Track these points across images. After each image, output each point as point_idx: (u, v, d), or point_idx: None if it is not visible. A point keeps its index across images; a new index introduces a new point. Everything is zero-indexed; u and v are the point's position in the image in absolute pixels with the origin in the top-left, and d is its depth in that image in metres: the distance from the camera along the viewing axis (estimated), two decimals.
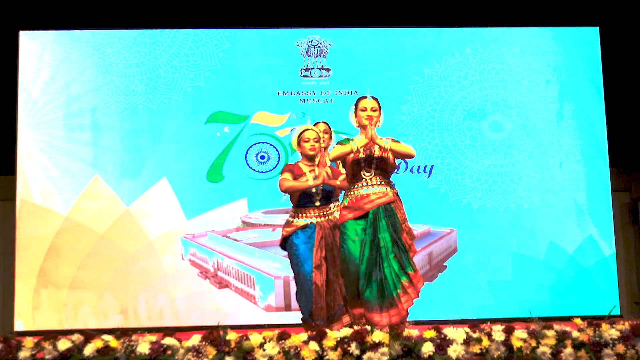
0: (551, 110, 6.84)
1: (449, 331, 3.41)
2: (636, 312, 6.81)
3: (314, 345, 3.34)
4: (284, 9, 6.81)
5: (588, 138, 6.82)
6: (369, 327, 3.42)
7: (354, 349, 3.31)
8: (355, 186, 4.14)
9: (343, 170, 4.42)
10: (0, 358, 3.36)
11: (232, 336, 3.37)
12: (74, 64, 6.61)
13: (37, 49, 6.59)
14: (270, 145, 6.63)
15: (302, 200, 4.41)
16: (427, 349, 3.33)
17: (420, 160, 6.66)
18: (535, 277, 6.60)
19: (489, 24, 6.91)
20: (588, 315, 5.16)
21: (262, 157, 6.65)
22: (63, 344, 3.36)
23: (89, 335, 3.42)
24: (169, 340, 3.36)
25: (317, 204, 4.40)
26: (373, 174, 4.11)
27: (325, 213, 4.41)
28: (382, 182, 4.13)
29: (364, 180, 4.12)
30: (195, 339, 3.38)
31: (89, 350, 3.34)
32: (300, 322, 4.40)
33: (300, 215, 4.42)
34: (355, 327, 3.42)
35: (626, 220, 7.07)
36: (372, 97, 4.26)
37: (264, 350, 3.32)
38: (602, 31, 6.93)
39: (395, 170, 6.42)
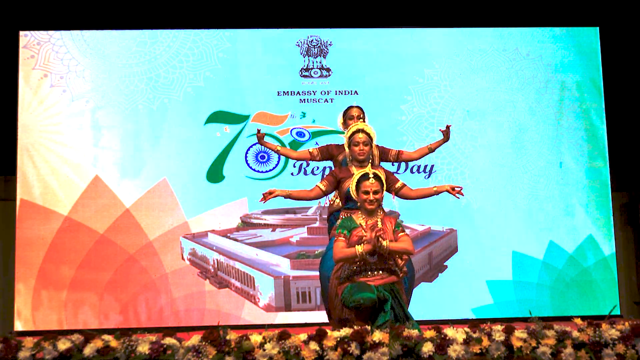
0: (551, 110, 6.84)
1: (449, 331, 3.40)
2: (636, 312, 6.81)
3: (314, 345, 3.33)
4: (284, 9, 6.81)
5: (588, 138, 6.83)
6: (368, 327, 3.42)
7: (354, 349, 3.31)
8: (357, 270, 3.95)
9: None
10: (0, 358, 3.36)
11: (232, 336, 3.37)
12: (74, 64, 6.61)
13: (37, 49, 6.59)
14: None
15: (349, 203, 4.32)
16: (427, 349, 3.33)
17: (420, 160, 6.64)
18: (535, 277, 6.60)
19: (489, 24, 6.92)
20: (588, 315, 5.18)
21: (262, 157, 6.65)
22: (63, 344, 3.36)
23: (89, 335, 3.41)
24: (169, 340, 3.36)
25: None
26: (377, 260, 3.93)
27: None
28: (385, 268, 3.96)
29: (367, 265, 3.93)
30: (195, 339, 3.38)
31: (89, 350, 3.33)
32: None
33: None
34: (355, 327, 3.42)
35: (626, 220, 7.07)
36: (373, 175, 4.00)
37: (264, 350, 3.31)
38: (602, 31, 6.93)
39: (396, 170, 6.48)
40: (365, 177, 4.01)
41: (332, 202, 4.59)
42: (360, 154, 4.34)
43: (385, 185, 4.11)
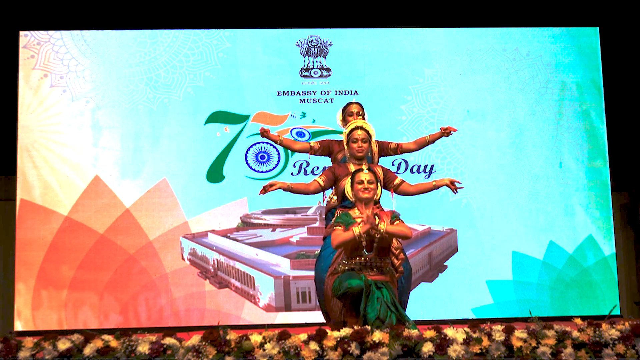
0: (551, 110, 6.84)
1: (449, 331, 3.41)
2: (636, 312, 6.81)
3: (314, 345, 3.34)
4: (284, 9, 6.81)
5: (588, 138, 6.83)
6: (368, 327, 3.42)
7: (354, 349, 3.31)
8: (353, 262, 3.93)
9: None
10: (0, 358, 3.36)
11: (232, 336, 3.37)
12: (74, 64, 6.61)
13: (37, 49, 6.59)
14: (270, 145, 6.62)
15: (345, 201, 4.26)
16: (427, 349, 3.33)
17: (420, 160, 6.67)
18: (535, 277, 6.60)
19: (488, 24, 6.92)
20: (588, 315, 5.18)
21: (262, 157, 6.65)
22: (63, 344, 3.36)
23: (89, 335, 3.42)
24: (169, 340, 3.36)
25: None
26: (374, 253, 3.92)
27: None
28: (381, 263, 3.94)
29: (363, 258, 3.91)
30: (195, 339, 3.38)
31: (89, 350, 3.34)
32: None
33: None
34: (355, 327, 3.42)
35: (626, 220, 7.07)
36: (368, 169, 4.04)
37: (264, 350, 3.31)
38: (602, 31, 6.93)
39: (396, 170, 6.49)
40: (358, 170, 4.05)
41: (329, 200, 4.58)
42: (358, 151, 4.31)
43: (380, 182, 4.10)
